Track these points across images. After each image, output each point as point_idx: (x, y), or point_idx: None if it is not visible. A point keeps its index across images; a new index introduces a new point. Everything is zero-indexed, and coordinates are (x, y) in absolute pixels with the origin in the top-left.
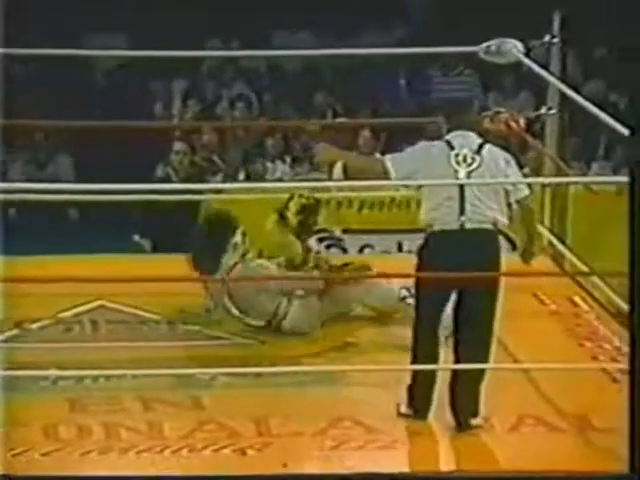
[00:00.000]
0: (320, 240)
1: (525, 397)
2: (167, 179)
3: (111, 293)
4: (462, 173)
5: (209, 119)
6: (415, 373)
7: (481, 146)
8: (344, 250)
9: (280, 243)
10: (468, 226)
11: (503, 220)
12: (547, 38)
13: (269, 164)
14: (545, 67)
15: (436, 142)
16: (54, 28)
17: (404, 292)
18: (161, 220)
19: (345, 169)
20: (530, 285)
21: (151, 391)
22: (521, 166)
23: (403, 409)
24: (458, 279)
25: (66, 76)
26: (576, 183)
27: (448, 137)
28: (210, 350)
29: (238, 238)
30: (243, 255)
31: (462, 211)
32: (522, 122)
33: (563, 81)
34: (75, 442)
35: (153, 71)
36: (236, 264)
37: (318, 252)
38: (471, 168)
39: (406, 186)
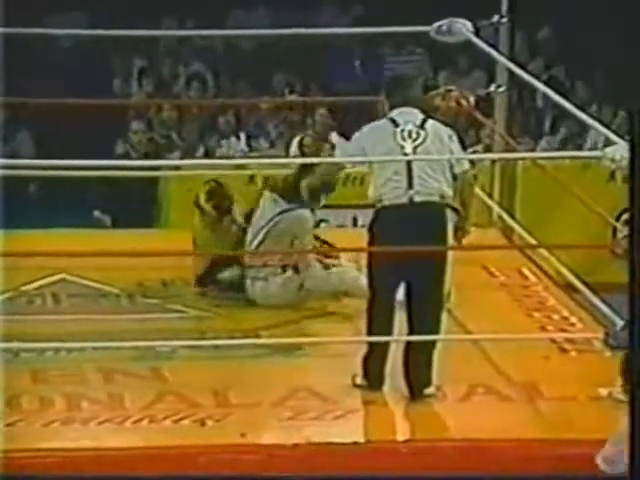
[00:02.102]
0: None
1: (476, 367)
2: (126, 156)
3: (72, 267)
4: (408, 148)
5: (166, 97)
6: (370, 346)
7: (424, 121)
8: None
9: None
10: (417, 199)
11: (449, 192)
12: (496, 18)
13: (224, 141)
14: (494, 46)
15: (380, 121)
16: (15, 7)
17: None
18: (120, 196)
19: (301, 145)
20: (480, 258)
21: (112, 363)
22: (463, 142)
23: (358, 380)
24: (409, 252)
25: (27, 54)
26: (550, 158)
27: (392, 115)
28: (169, 323)
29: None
30: None
31: (410, 185)
32: (472, 100)
33: (511, 59)
34: (37, 413)
35: (112, 49)
36: None
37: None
38: (416, 143)
39: (355, 165)
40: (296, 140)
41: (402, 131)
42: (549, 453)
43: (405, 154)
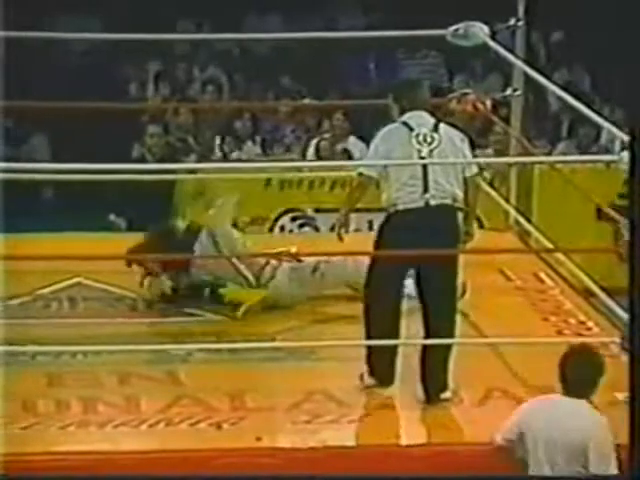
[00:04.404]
0: (293, 219)
1: (492, 371)
2: (142, 159)
3: (88, 271)
4: (425, 152)
5: (181, 101)
6: (376, 347)
7: (437, 125)
8: (316, 229)
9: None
10: (432, 203)
11: (461, 195)
12: (512, 21)
13: (241, 145)
14: (510, 50)
15: (393, 125)
16: (30, 10)
17: None
18: (136, 199)
19: (317, 150)
20: (496, 261)
21: (128, 366)
22: (473, 146)
23: (367, 380)
24: (422, 255)
25: (42, 58)
26: (571, 162)
27: (404, 118)
28: (185, 326)
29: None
30: None
31: (426, 189)
32: (488, 103)
33: (528, 63)
34: (54, 416)
35: (128, 53)
36: None
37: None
38: (432, 147)
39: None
40: (313, 143)
41: (417, 135)
42: None
43: (422, 158)
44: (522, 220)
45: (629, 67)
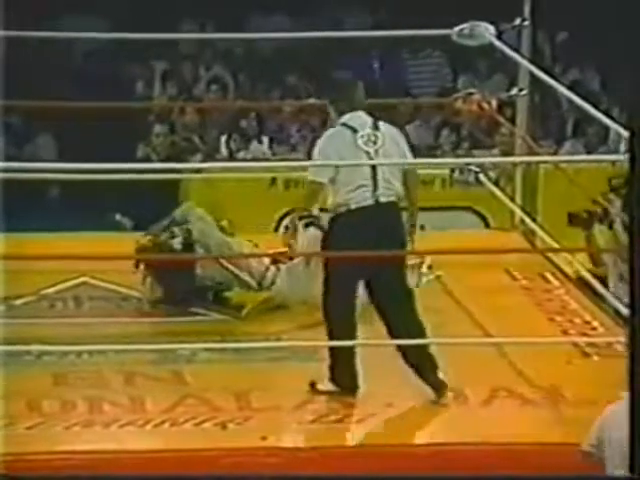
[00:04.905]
0: (299, 218)
1: (498, 371)
2: (148, 159)
3: (94, 270)
4: (372, 152)
5: (187, 100)
6: (335, 351)
7: (376, 124)
8: (322, 228)
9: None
10: (382, 200)
11: (402, 190)
12: (518, 21)
13: (247, 144)
14: (516, 49)
15: (336, 129)
16: (36, 10)
17: None
18: (142, 199)
19: None
20: (502, 261)
21: (133, 366)
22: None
23: (327, 386)
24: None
25: (48, 58)
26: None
27: (344, 120)
28: (190, 326)
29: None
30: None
31: (376, 187)
32: (494, 103)
33: (533, 63)
34: (59, 416)
35: (134, 53)
36: None
37: None
38: (377, 146)
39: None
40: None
41: (362, 136)
42: (570, 456)
43: (370, 158)
44: (528, 220)
45: (628, 66)
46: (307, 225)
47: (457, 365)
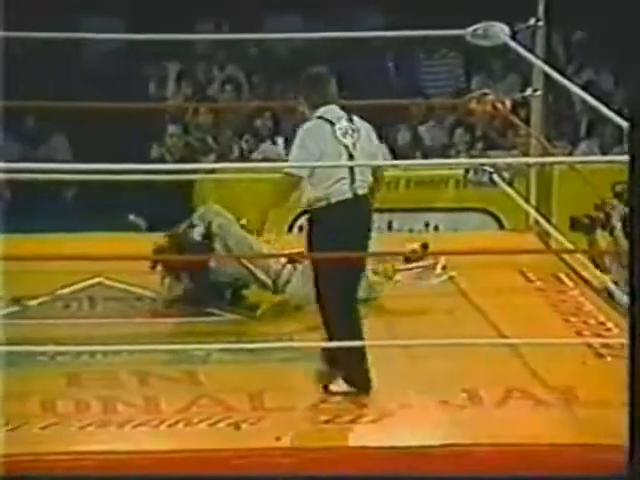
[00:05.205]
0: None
1: (512, 371)
2: (162, 159)
3: (109, 270)
4: (350, 145)
5: (201, 101)
6: (347, 351)
7: (350, 117)
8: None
9: None
10: (359, 192)
11: (371, 183)
12: (532, 21)
13: (261, 144)
14: (530, 50)
15: (314, 122)
16: (52, 11)
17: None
18: (156, 200)
19: None
20: (516, 262)
21: (147, 366)
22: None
23: (342, 387)
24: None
25: (62, 58)
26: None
27: (319, 113)
28: (204, 326)
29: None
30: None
31: (353, 180)
32: (508, 104)
33: (548, 63)
34: (73, 416)
35: (148, 54)
36: None
37: None
38: (354, 139)
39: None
40: None
41: (340, 129)
42: (584, 458)
43: (350, 152)
44: (542, 221)
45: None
46: None
47: (471, 366)
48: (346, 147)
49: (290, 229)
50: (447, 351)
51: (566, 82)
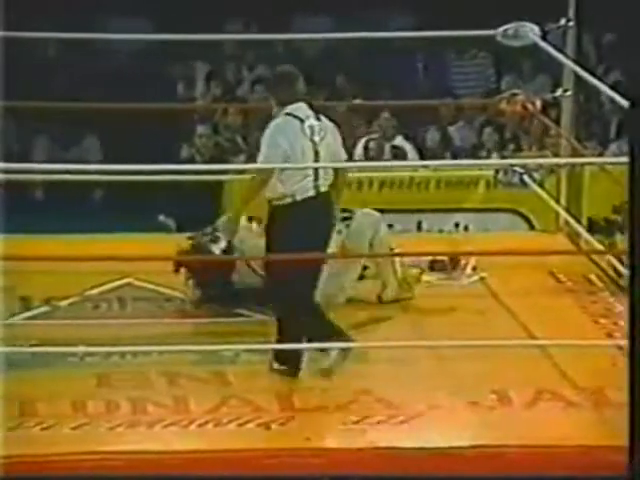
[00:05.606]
0: (341, 220)
1: (542, 372)
2: (192, 160)
3: (138, 271)
4: (318, 142)
5: (230, 101)
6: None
7: (317, 115)
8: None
9: None
10: (322, 190)
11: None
12: (563, 22)
13: None
14: (561, 50)
15: (282, 118)
16: (80, 11)
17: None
18: (185, 200)
19: (366, 149)
20: (546, 263)
21: (177, 367)
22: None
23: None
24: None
25: (90, 58)
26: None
27: (288, 110)
28: (233, 327)
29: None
30: None
31: (317, 177)
32: (538, 104)
33: (578, 63)
34: (103, 416)
35: (176, 54)
36: None
37: None
38: (321, 135)
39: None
40: (362, 143)
41: (309, 127)
42: (614, 459)
43: (316, 149)
44: (572, 222)
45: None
46: (349, 226)
47: (501, 367)
48: (314, 144)
49: None
50: (477, 352)
51: (597, 82)
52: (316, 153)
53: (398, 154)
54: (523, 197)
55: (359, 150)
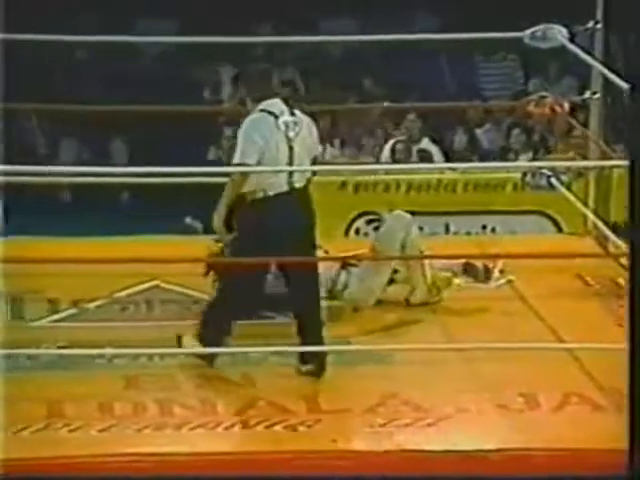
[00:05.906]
0: (368, 222)
1: (570, 375)
2: (219, 162)
3: (165, 273)
4: (293, 137)
5: None
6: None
7: (292, 111)
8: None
9: None
10: (296, 186)
11: (310, 175)
12: (591, 24)
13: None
14: (589, 52)
15: (257, 114)
16: (107, 13)
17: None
18: (213, 202)
19: (393, 151)
20: (574, 266)
21: (204, 369)
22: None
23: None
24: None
25: (118, 61)
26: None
27: (262, 106)
28: (259, 329)
29: None
30: None
31: (291, 173)
32: (566, 106)
33: (606, 66)
34: (130, 418)
35: (202, 56)
36: None
37: None
38: (296, 131)
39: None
40: (389, 145)
41: (284, 122)
42: None
43: (291, 145)
44: (600, 225)
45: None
46: (377, 229)
47: (529, 370)
48: (288, 139)
49: (346, 233)
50: (504, 355)
51: (625, 85)
52: (290, 148)
53: (425, 157)
54: (551, 200)
55: (386, 152)
